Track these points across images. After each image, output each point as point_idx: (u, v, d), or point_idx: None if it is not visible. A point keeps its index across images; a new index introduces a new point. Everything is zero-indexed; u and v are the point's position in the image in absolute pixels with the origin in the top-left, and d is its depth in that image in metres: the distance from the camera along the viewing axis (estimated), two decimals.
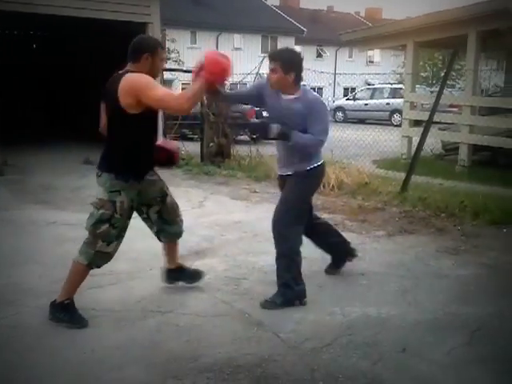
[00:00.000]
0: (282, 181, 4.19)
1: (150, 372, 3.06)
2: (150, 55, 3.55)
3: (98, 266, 3.65)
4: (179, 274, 4.22)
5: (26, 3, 9.03)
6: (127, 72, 3.50)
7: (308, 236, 4.41)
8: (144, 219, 3.93)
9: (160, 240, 4.08)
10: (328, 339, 3.45)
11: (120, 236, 3.62)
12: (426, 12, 11.39)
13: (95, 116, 3.74)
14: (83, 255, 3.57)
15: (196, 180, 9.02)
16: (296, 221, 4.01)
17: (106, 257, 3.62)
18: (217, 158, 10.32)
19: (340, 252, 4.70)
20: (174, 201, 4.02)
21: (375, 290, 4.33)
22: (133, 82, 3.41)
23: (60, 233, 5.70)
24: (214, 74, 3.46)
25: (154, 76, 3.58)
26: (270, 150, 10.57)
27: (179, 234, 4.10)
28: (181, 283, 4.23)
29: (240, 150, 10.41)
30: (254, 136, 13.75)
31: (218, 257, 5.08)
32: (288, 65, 3.82)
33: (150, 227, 3.98)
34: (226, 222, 6.27)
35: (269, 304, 3.95)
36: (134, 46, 3.62)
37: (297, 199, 4.03)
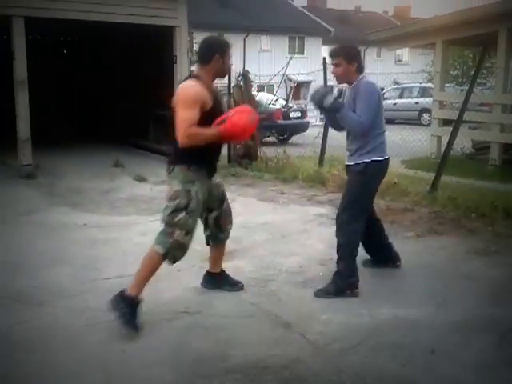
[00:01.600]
0: (347, 170, 4.43)
1: (178, 372, 3.10)
2: (220, 56, 3.66)
3: (174, 259, 3.67)
4: (221, 280, 4.25)
5: (56, 9, 9.18)
6: (192, 76, 3.69)
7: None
8: (202, 220, 3.98)
9: (207, 243, 4.14)
10: (355, 341, 3.43)
11: (194, 227, 3.69)
12: (455, 10, 11.25)
13: (125, 120, 3.86)
14: (161, 244, 3.59)
15: (223, 182, 9.02)
16: (358, 215, 4.22)
17: (183, 248, 3.64)
18: (244, 159, 10.33)
19: (383, 254, 4.79)
20: (229, 206, 4.14)
21: (404, 291, 4.29)
22: (180, 90, 3.58)
23: (90, 235, 5.79)
24: (233, 133, 3.61)
25: (224, 75, 3.83)
26: (297, 151, 10.60)
27: (226, 239, 4.18)
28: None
29: (267, 152, 10.41)
30: (282, 137, 13.75)
31: (245, 258, 5.09)
32: (350, 56, 4.18)
33: (204, 229, 4.04)
34: (254, 223, 6.29)
35: (321, 293, 4.16)
36: (203, 47, 3.73)
37: (357, 193, 4.22)
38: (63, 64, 16.27)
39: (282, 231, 5.96)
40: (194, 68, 3.82)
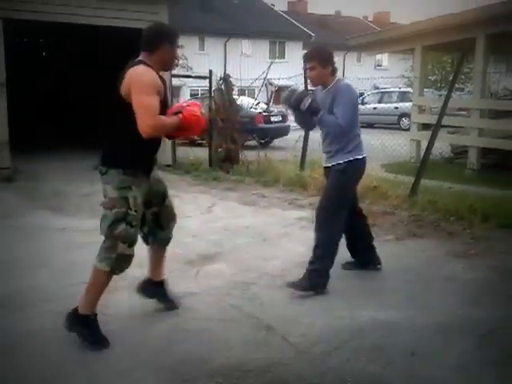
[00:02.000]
0: (326, 172, 4.50)
1: (160, 376, 3.08)
2: (168, 43, 3.34)
3: (121, 271, 3.39)
4: (158, 291, 3.88)
5: (35, 11, 9.12)
6: (139, 62, 3.28)
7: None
8: None
9: (147, 243, 3.78)
10: (337, 343, 3.45)
11: (137, 234, 3.43)
12: (434, 15, 11.38)
13: (104, 123, 3.64)
14: (104, 261, 3.31)
15: (205, 185, 9.05)
16: (338, 213, 4.28)
17: (128, 259, 3.36)
18: (225, 163, 10.34)
19: (365, 256, 4.83)
20: (172, 205, 3.79)
21: (384, 293, 4.32)
22: (135, 75, 3.20)
23: (70, 239, 5.74)
24: (191, 123, 3.39)
25: (170, 67, 3.46)
26: (278, 155, 10.63)
27: (168, 240, 3.81)
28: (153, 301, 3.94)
29: (248, 155, 10.42)
30: (263, 141, 13.78)
31: (226, 261, 5.09)
32: (324, 59, 4.24)
33: (140, 227, 3.57)
34: (235, 226, 6.29)
35: (296, 285, 4.23)
36: (149, 33, 3.37)
37: (336, 193, 4.29)
38: (46, 67, 16.13)
39: (263, 235, 5.97)
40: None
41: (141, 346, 3.42)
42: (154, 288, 3.88)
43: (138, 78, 3.20)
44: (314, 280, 4.24)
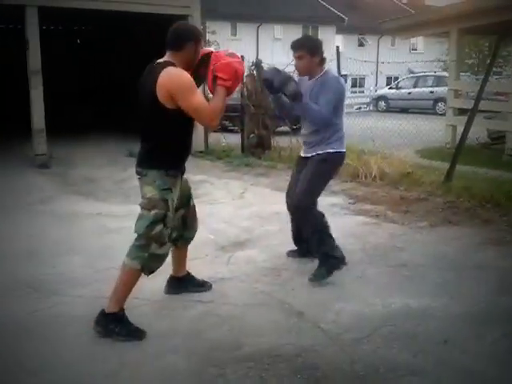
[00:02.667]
0: (304, 162, 4.38)
1: (191, 360, 3.11)
2: (194, 43, 3.36)
3: (151, 271, 3.40)
4: (186, 283, 4.01)
5: None
6: (167, 63, 3.28)
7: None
8: None
9: (175, 246, 3.81)
10: (368, 330, 3.43)
11: (171, 236, 3.48)
12: None
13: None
14: (136, 259, 3.32)
15: (237, 171, 9.06)
16: (315, 200, 4.33)
17: (160, 259, 3.39)
18: (257, 149, 10.33)
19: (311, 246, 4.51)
20: (195, 204, 3.88)
21: (417, 281, 4.27)
22: (173, 82, 3.20)
23: (102, 224, 5.83)
24: (229, 80, 3.32)
25: (192, 66, 3.45)
26: None
27: (192, 239, 3.91)
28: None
29: (280, 141, 10.39)
30: (295, 126, 13.71)
31: (257, 247, 5.10)
32: (312, 49, 4.15)
33: (171, 231, 3.60)
34: (267, 213, 6.28)
35: (316, 277, 4.19)
36: (176, 33, 3.39)
37: (318, 181, 4.29)
38: (79, 54, 16.32)
39: None
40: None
41: (172, 330, 3.46)
42: (181, 283, 4.00)
43: (179, 82, 3.22)
44: (330, 261, 4.22)
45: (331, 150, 4.24)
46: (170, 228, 3.43)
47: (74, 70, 15.94)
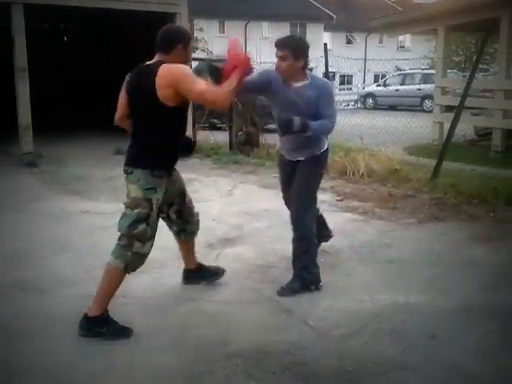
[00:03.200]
0: (290, 165, 4.19)
1: (180, 357, 3.11)
2: (183, 45, 3.40)
3: (134, 269, 3.41)
4: (201, 274, 4.11)
5: None
6: (161, 62, 3.29)
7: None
8: (163, 218, 3.73)
9: (180, 239, 3.93)
10: (356, 326, 3.45)
11: (153, 235, 3.46)
12: None
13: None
14: (119, 258, 3.33)
15: (225, 169, 9.05)
16: (312, 203, 4.19)
17: (142, 258, 3.40)
18: (245, 146, 10.33)
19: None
20: (191, 199, 3.90)
21: (404, 277, 4.30)
22: (174, 72, 3.22)
23: (92, 222, 5.80)
24: (244, 65, 3.38)
25: None
26: None
27: (196, 232, 3.98)
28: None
29: (269, 139, 10.40)
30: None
31: (246, 245, 5.10)
32: (297, 52, 3.82)
33: (170, 226, 3.85)
34: (255, 210, 6.29)
35: (286, 291, 3.96)
36: (166, 35, 3.44)
37: (314, 183, 4.18)
38: (65, 52, 16.21)
39: (283, 218, 5.90)
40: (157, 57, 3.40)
41: (161, 328, 3.45)
42: (195, 273, 4.11)
43: (180, 71, 3.23)
44: (306, 278, 4.02)
45: (318, 152, 4.10)
46: (153, 228, 3.42)
47: (61, 67, 15.83)
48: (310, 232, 4.08)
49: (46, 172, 8.62)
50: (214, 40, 25.50)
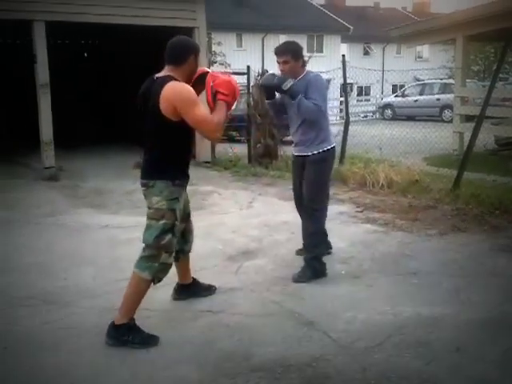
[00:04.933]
0: (299, 161, 4.62)
1: (203, 371, 3.11)
2: (194, 56, 3.46)
3: (160, 280, 3.45)
4: (193, 289, 4.10)
5: (76, 13, 9.28)
6: (169, 78, 3.33)
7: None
8: None
9: (177, 260, 3.82)
10: (379, 339, 3.42)
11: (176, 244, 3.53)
12: (475, 4, 11.11)
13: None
14: (147, 270, 3.36)
15: (244, 181, 9.07)
16: (325, 200, 4.60)
17: (168, 268, 3.46)
18: (264, 159, 10.35)
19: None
20: (191, 218, 3.94)
21: (427, 289, 4.26)
22: (176, 94, 3.26)
23: (113, 236, 5.85)
24: (230, 96, 3.41)
25: (192, 78, 3.50)
26: None
27: (190, 250, 3.98)
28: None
29: (287, 151, 10.37)
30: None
31: (266, 257, 5.10)
32: (296, 53, 4.47)
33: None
34: (275, 222, 6.29)
35: (300, 277, 4.41)
36: (178, 47, 3.47)
37: (321, 184, 4.54)
38: (86, 66, 16.43)
39: None
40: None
41: (183, 341, 3.45)
42: (188, 289, 4.10)
43: (182, 95, 3.27)
44: (317, 267, 4.48)
45: (326, 148, 4.49)
46: (177, 237, 3.50)
47: (81, 82, 16.04)
48: (319, 228, 4.55)
49: (67, 186, 8.72)
50: (232, 53, 25.70)
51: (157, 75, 3.43)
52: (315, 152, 4.47)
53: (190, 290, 4.10)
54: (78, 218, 6.69)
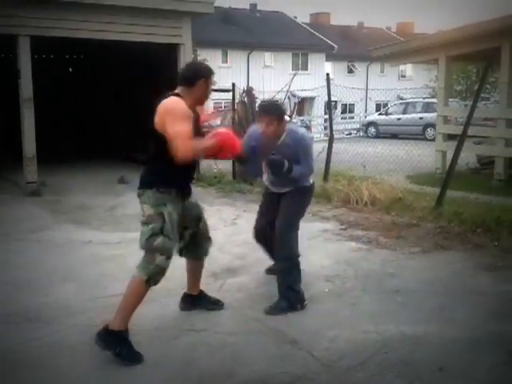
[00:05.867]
0: (275, 196, 4.59)
1: None
2: (205, 81, 3.64)
3: (155, 283, 3.55)
4: (200, 301, 4.19)
5: (62, 28, 9.27)
6: (173, 94, 3.57)
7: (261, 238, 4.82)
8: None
9: (180, 255, 3.99)
10: (362, 357, 3.41)
11: (173, 249, 3.63)
12: (458, 25, 11.30)
13: (129, 137, 3.79)
14: (143, 270, 3.50)
15: (229, 198, 9.06)
16: (296, 228, 4.46)
17: (163, 271, 3.56)
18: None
19: None
20: (206, 225, 4.13)
21: (411, 307, 4.26)
22: (164, 107, 3.47)
23: (96, 252, 5.79)
24: (224, 146, 3.55)
25: (204, 101, 3.75)
26: None
27: (205, 255, 4.12)
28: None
29: None
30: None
31: (249, 274, 5.08)
32: (281, 115, 4.37)
33: (179, 240, 3.86)
34: None
35: (274, 309, 4.16)
36: (189, 70, 3.72)
37: (298, 212, 4.51)
38: (70, 82, 16.39)
39: None
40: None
41: (165, 359, 3.42)
42: (195, 299, 4.19)
43: (171, 106, 3.48)
44: (292, 298, 4.25)
45: (305, 184, 4.49)
46: (172, 240, 3.60)
47: (65, 97, 15.98)
48: (293, 254, 4.36)
49: (50, 201, 8.64)
50: (217, 70, 25.76)
51: (171, 92, 3.63)
52: (295, 187, 4.45)
53: (196, 300, 4.18)
54: (60, 233, 6.63)
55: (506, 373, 3.23)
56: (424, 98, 25.47)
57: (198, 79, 3.61)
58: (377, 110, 32.01)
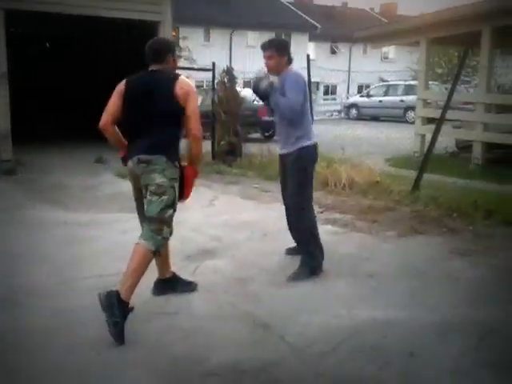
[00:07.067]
0: (282, 160, 4.75)
1: (155, 375, 3.05)
2: (172, 56, 3.79)
3: (159, 253, 3.71)
4: (172, 284, 4.12)
5: (38, 2, 9.07)
6: (170, 69, 3.76)
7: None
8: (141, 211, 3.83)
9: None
10: (334, 343, 3.41)
11: None
12: (441, 8, 11.27)
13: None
14: (151, 241, 3.57)
15: (207, 179, 8.98)
16: (309, 197, 4.60)
17: (166, 242, 3.73)
18: (228, 156, 10.30)
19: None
20: None
21: (383, 291, 4.27)
22: (191, 86, 3.72)
23: (70, 233, 5.72)
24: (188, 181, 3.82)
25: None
26: None
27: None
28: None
29: (251, 149, 10.37)
30: (267, 134, 13.70)
31: (225, 257, 5.05)
32: (281, 49, 4.52)
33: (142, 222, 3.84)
34: (236, 221, 6.25)
35: (296, 276, 4.43)
36: (157, 47, 3.81)
37: (304, 177, 4.56)
38: (47, 58, 16.10)
39: (263, 230, 5.93)
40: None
41: (136, 343, 3.38)
42: (167, 283, 4.12)
43: (193, 89, 3.73)
44: (312, 264, 4.52)
45: (300, 146, 4.50)
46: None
47: (43, 75, 15.69)
48: (307, 225, 4.57)
49: (25, 180, 8.52)
50: (199, 48, 25.47)
51: (152, 69, 3.74)
52: (291, 150, 4.52)
53: (168, 284, 4.11)
54: (35, 213, 6.54)
55: (473, 358, 3.25)
56: (405, 81, 25.49)
57: (166, 55, 3.75)
58: (359, 92, 32.01)
